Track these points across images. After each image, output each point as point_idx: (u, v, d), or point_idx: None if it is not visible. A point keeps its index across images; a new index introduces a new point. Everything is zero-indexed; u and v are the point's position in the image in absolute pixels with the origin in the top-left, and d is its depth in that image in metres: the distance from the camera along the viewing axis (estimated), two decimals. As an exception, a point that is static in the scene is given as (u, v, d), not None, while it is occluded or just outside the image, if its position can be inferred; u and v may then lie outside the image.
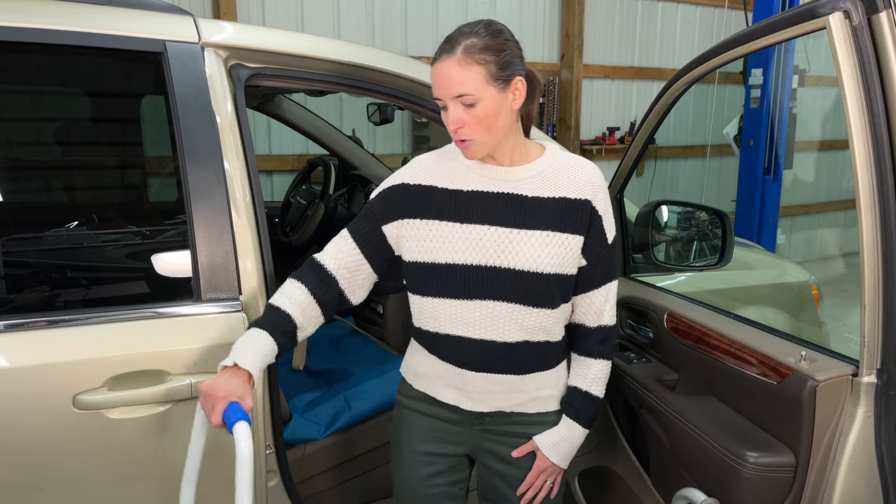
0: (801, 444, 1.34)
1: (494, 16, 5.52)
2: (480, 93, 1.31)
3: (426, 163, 1.49)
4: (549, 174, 1.44)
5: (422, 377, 1.54)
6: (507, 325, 1.41)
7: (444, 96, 1.33)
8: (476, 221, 1.41)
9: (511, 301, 1.40)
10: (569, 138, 5.93)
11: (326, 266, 1.48)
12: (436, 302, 1.43)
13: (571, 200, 1.42)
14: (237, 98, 1.67)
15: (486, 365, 1.45)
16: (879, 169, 1.23)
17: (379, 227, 1.48)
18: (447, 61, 1.31)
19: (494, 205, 1.41)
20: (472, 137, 1.35)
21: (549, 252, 1.39)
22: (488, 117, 1.33)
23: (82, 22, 1.52)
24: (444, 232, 1.41)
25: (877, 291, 1.25)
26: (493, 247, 1.39)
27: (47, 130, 1.86)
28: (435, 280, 1.42)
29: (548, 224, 1.40)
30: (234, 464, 1.23)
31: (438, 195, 1.44)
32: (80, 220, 1.72)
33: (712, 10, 6.74)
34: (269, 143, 4.69)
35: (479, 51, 1.31)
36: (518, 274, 1.38)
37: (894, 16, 1.20)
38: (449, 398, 1.50)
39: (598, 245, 1.45)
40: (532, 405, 1.50)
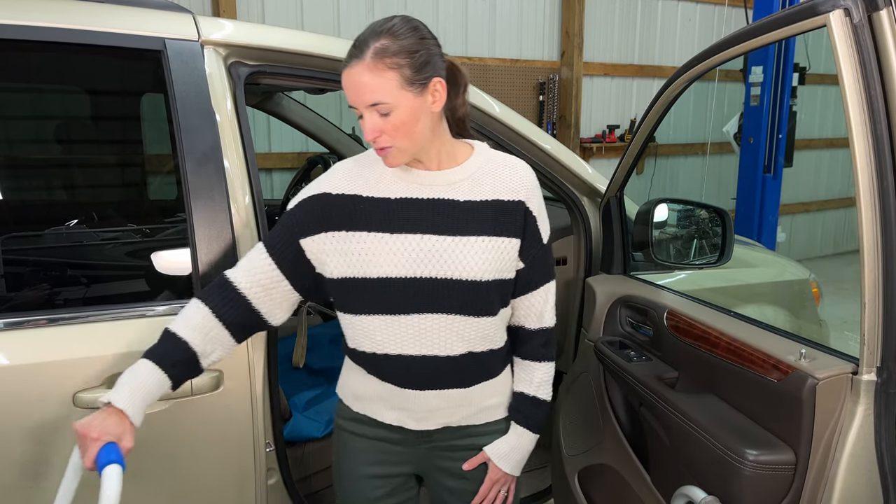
0: (800, 442, 1.34)
1: (494, 14, 5.52)
2: (395, 100, 1.22)
3: (349, 170, 1.38)
4: (481, 176, 1.36)
5: (361, 399, 1.44)
6: (450, 338, 1.34)
7: (358, 105, 1.24)
8: (407, 231, 1.31)
9: (451, 312, 1.32)
10: (569, 136, 5.93)
11: (236, 284, 1.36)
12: (370, 320, 1.34)
13: (505, 203, 1.35)
14: (237, 96, 1.67)
15: (430, 382, 1.37)
16: (880, 166, 1.23)
17: (296, 241, 1.35)
18: (356, 67, 1.21)
19: (425, 212, 1.32)
20: (391, 145, 1.26)
21: (486, 258, 1.32)
22: (406, 124, 1.25)
23: (81, 19, 1.52)
24: (373, 244, 1.31)
25: (877, 289, 1.25)
26: (427, 257, 1.30)
27: (47, 128, 1.86)
28: (367, 297, 1.32)
29: (483, 229, 1.33)
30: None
31: (364, 204, 1.33)
32: (79, 219, 1.72)
33: (712, 8, 6.73)
34: (268, 141, 4.69)
35: (392, 54, 1.21)
36: (456, 284, 1.31)
37: (895, 13, 1.19)
38: (392, 419, 1.42)
39: (534, 247, 1.40)
40: (480, 416, 1.45)
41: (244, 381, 1.56)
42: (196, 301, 1.36)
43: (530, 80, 5.78)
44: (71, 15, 1.52)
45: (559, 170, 2.17)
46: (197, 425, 1.53)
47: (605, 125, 6.29)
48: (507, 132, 2.05)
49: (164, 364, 1.29)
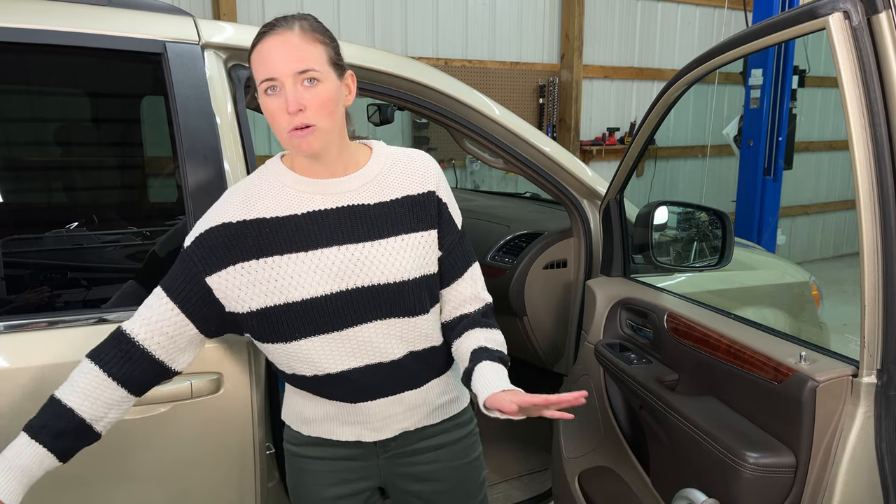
0: (801, 444, 1.34)
1: (494, 17, 5.53)
2: (324, 71, 1.18)
3: (245, 193, 1.28)
4: (386, 175, 1.32)
5: (311, 422, 1.39)
6: (389, 343, 1.30)
7: (282, 73, 1.15)
8: (322, 245, 1.25)
9: (385, 317, 1.28)
10: (569, 139, 5.93)
11: (134, 337, 1.25)
12: (304, 344, 1.27)
13: (416, 197, 1.32)
14: (237, 99, 1.67)
15: (380, 390, 1.33)
16: (879, 169, 1.23)
17: (201, 280, 1.24)
18: (286, 34, 1.16)
19: (337, 222, 1.26)
20: (314, 122, 1.18)
21: (408, 256, 1.29)
22: (331, 101, 1.19)
23: (82, 22, 1.52)
24: (289, 266, 1.24)
25: (877, 292, 1.25)
26: (349, 267, 1.25)
27: (48, 131, 1.86)
28: (295, 322, 1.25)
29: (399, 228, 1.29)
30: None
31: (270, 227, 1.24)
32: (80, 221, 1.72)
33: (712, 11, 6.74)
34: (269, 143, 4.69)
35: (319, 32, 1.20)
36: (384, 288, 1.27)
37: (894, 16, 1.20)
38: (348, 435, 1.38)
39: (450, 233, 1.37)
40: (436, 415, 1.42)
41: (244, 384, 1.56)
42: (86, 361, 1.24)
43: (530, 83, 5.78)
44: (71, 18, 1.52)
45: (559, 172, 2.18)
46: (197, 427, 1.53)
47: (605, 128, 6.30)
48: (507, 135, 2.05)
49: (43, 437, 1.17)
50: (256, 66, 1.19)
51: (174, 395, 1.48)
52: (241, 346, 1.54)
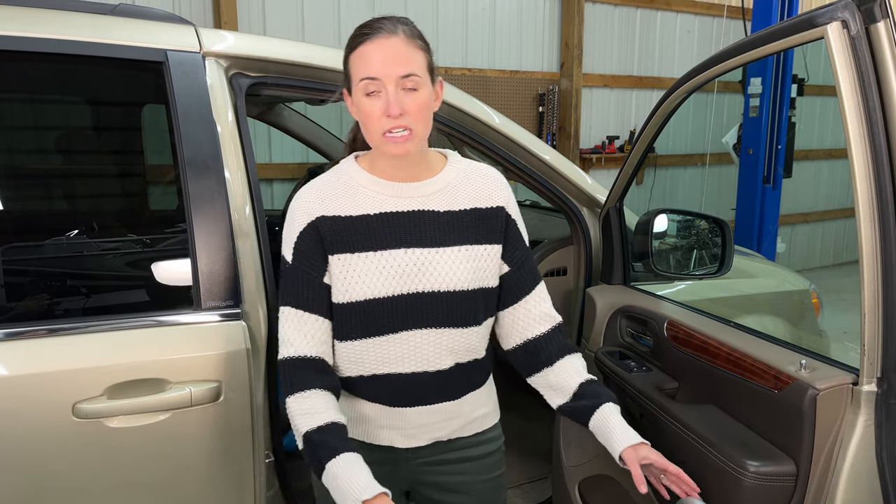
0: (801, 452, 1.34)
1: (494, 26, 5.55)
2: (424, 77, 1.21)
3: (321, 192, 1.31)
4: (458, 185, 1.35)
5: (348, 423, 1.36)
6: (438, 353, 1.32)
7: (387, 75, 1.17)
8: (390, 247, 1.28)
9: (438, 326, 1.30)
10: (568, 147, 5.94)
11: (309, 355, 1.30)
12: (357, 345, 1.31)
13: (484, 210, 1.35)
14: (238, 107, 1.68)
15: (420, 398, 1.34)
16: (878, 177, 1.23)
17: (321, 282, 1.30)
18: (391, 38, 1.18)
19: (407, 225, 1.29)
20: (412, 126, 1.20)
21: (469, 267, 1.31)
22: (427, 107, 1.22)
23: (84, 31, 1.53)
24: (357, 265, 1.27)
25: (876, 300, 1.25)
26: (411, 271, 1.28)
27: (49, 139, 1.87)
28: (355, 321, 1.29)
29: (464, 238, 1.32)
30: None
31: (344, 224, 1.28)
32: (80, 229, 1.72)
33: (711, 20, 6.76)
34: (269, 151, 4.70)
35: (418, 38, 1.22)
36: (443, 296, 1.29)
37: (892, 25, 1.20)
38: (382, 439, 1.38)
39: (518, 249, 1.39)
40: (469, 427, 1.43)
41: (244, 392, 1.56)
42: (299, 394, 1.28)
43: (530, 91, 5.79)
44: (73, 27, 1.53)
45: (559, 180, 2.18)
46: (196, 436, 1.53)
47: (604, 136, 6.30)
48: (507, 143, 2.06)
49: (347, 447, 1.23)
50: (357, 65, 1.21)
51: (174, 402, 1.48)
52: (240, 354, 1.54)
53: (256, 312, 1.60)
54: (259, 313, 1.60)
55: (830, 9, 1.26)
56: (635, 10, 6.32)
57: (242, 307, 1.58)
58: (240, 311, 1.57)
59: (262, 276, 1.63)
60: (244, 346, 1.54)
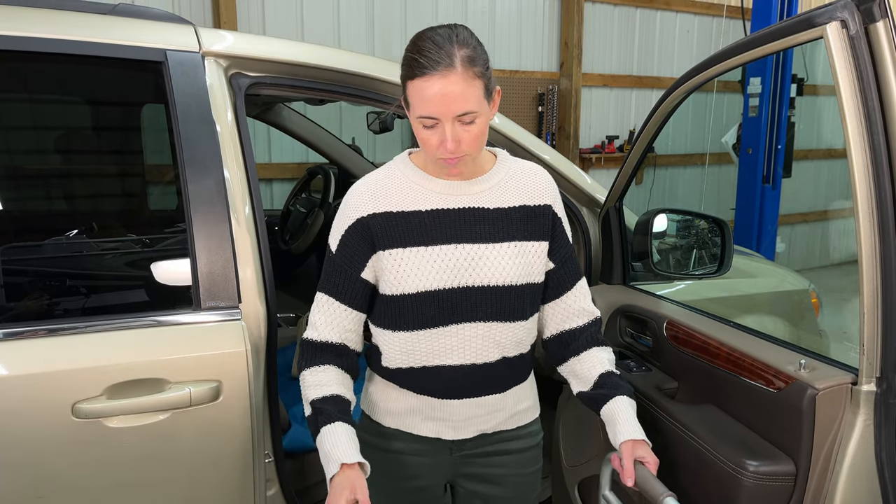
0: (800, 452, 1.34)
1: (494, 26, 5.55)
2: (481, 109, 1.22)
3: (373, 188, 1.35)
4: (507, 183, 1.39)
5: (394, 415, 1.43)
6: (486, 346, 1.36)
7: (444, 115, 1.19)
8: (441, 242, 1.32)
9: (487, 320, 1.35)
10: (568, 147, 5.94)
11: (331, 341, 1.37)
12: (408, 336, 1.35)
13: (532, 208, 1.39)
14: (237, 107, 1.68)
15: (467, 390, 1.39)
16: (877, 177, 1.23)
17: (359, 277, 1.36)
18: (450, 76, 1.17)
19: (458, 222, 1.33)
20: (467, 153, 1.25)
21: (518, 263, 1.35)
22: (483, 133, 1.26)
23: (83, 31, 1.53)
24: (409, 259, 1.32)
25: (875, 300, 1.25)
26: (462, 266, 1.32)
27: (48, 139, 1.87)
28: (406, 313, 1.34)
29: (514, 235, 1.36)
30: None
31: (396, 220, 1.33)
32: (80, 229, 1.72)
33: (710, 20, 6.76)
34: (269, 151, 4.70)
35: (478, 63, 1.20)
36: (492, 290, 1.33)
37: (891, 25, 1.20)
38: (429, 431, 1.42)
39: (563, 247, 1.44)
40: (512, 421, 1.46)
41: (243, 392, 1.56)
42: (314, 368, 1.36)
43: (529, 91, 5.80)
44: (73, 27, 1.53)
45: (559, 180, 2.17)
46: (196, 436, 1.53)
47: (604, 136, 6.31)
48: (506, 143, 2.06)
49: (344, 418, 1.31)
50: (414, 99, 1.22)
51: (173, 402, 1.48)
52: (240, 354, 1.54)
53: (256, 312, 1.60)
54: (258, 313, 1.60)
55: (829, 8, 1.26)
56: (635, 9, 6.32)
57: (242, 307, 1.58)
58: (239, 311, 1.57)
59: (261, 276, 1.63)
60: (244, 346, 1.54)
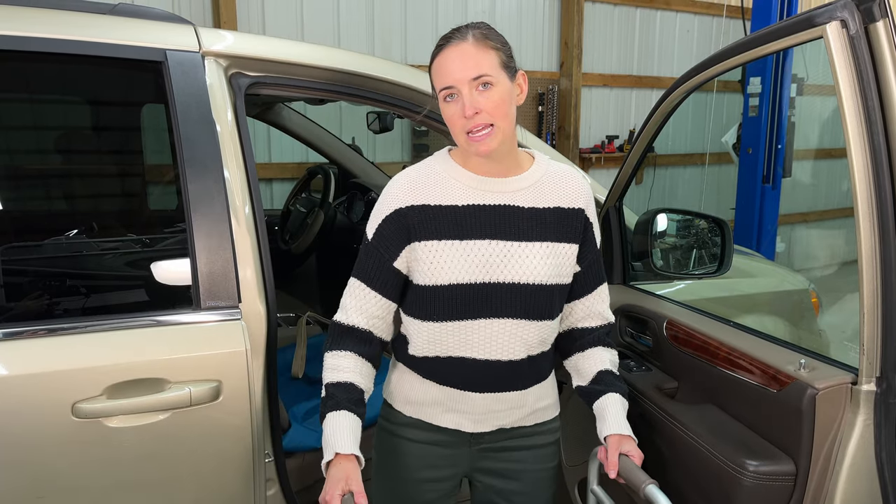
0: (800, 452, 1.34)
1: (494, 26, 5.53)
2: (497, 75, 1.28)
3: (412, 181, 1.40)
4: (543, 184, 1.42)
5: (416, 404, 1.47)
6: (512, 343, 1.39)
7: (460, 80, 1.27)
8: (475, 237, 1.35)
9: (515, 317, 1.38)
10: (568, 147, 5.94)
11: (358, 325, 1.42)
12: (437, 326, 1.39)
13: (566, 210, 1.42)
14: (237, 106, 1.68)
15: (490, 385, 1.42)
16: (877, 177, 1.23)
17: (391, 266, 1.40)
18: (462, 45, 1.28)
19: (492, 218, 1.37)
20: (493, 122, 1.28)
21: (549, 263, 1.38)
22: (505, 102, 1.29)
23: (83, 31, 1.53)
24: (443, 251, 1.35)
25: (875, 299, 1.25)
26: (494, 261, 1.35)
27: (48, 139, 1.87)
28: (437, 303, 1.37)
29: (546, 235, 1.39)
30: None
31: (433, 213, 1.37)
32: (80, 229, 1.72)
33: (710, 19, 6.76)
34: (269, 151, 4.70)
35: (491, 38, 1.30)
36: (522, 288, 1.36)
37: (891, 25, 1.20)
38: (449, 423, 1.45)
39: (591, 252, 1.48)
40: (531, 418, 1.50)
41: (243, 392, 1.56)
42: (336, 352, 1.42)
43: (530, 91, 5.74)
44: (72, 26, 1.53)
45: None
46: (196, 435, 1.53)
47: (604, 136, 6.31)
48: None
49: (351, 407, 1.36)
50: (435, 77, 1.31)
51: (173, 402, 1.48)
52: (240, 354, 1.54)
53: (256, 312, 1.60)
54: (258, 313, 1.60)
55: (829, 8, 1.26)
56: (635, 9, 6.32)
57: (242, 307, 1.58)
58: (239, 311, 1.57)
59: (261, 275, 1.63)
60: (244, 345, 1.54)
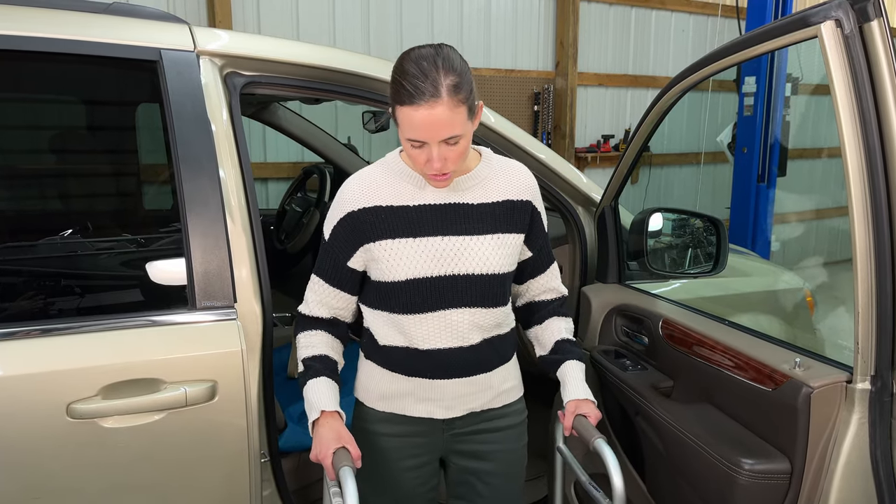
0: (796, 450, 1.35)
1: (489, 25, 5.55)
2: (465, 131, 1.32)
3: (364, 184, 1.46)
4: (490, 180, 1.49)
5: (388, 398, 1.53)
6: (469, 330, 1.47)
7: (431, 139, 1.29)
8: (427, 234, 1.43)
9: (472, 306, 1.45)
10: (564, 146, 5.94)
11: (321, 316, 1.53)
12: (402, 319, 1.46)
13: (515, 202, 1.50)
14: (232, 106, 1.67)
15: (457, 370, 1.49)
16: (871, 177, 1.23)
17: (346, 266, 1.48)
18: (437, 107, 1.26)
19: (444, 215, 1.44)
20: (451, 170, 1.36)
21: (500, 253, 1.46)
22: (466, 149, 1.36)
23: (77, 30, 1.53)
24: (399, 249, 1.43)
25: (870, 299, 1.26)
26: (447, 256, 1.43)
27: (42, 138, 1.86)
28: (396, 298, 1.45)
29: (496, 227, 1.47)
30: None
31: (385, 214, 1.43)
32: (74, 229, 1.71)
33: (706, 19, 6.77)
34: (264, 150, 4.69)
35: (462, 90, 1.28)
36: (476, 278, 1.44)
37: (885, 24, 1.21)
38: (422, 412, 1.52)
39: (540, 238, 1.57)
40: (498, 399, 1.56)
41: (239, 392, 1.55)
42: (307, 332, 1.53)
43: (525, 90, 5.80)
44: (67, 25, 1.52)
45: (554, 179, 2.18)
46: (191, 436, 1.52)
47: (599, 135, 6.31)
48: (502, 142, 2.06)
49: (329, 374, 1.47)
50: (403, 124, 1.31)
51: (169, 403, 1.47)
52: (236, 354, 1.54)
53: (251, 312, 1.60)
54: (254, 313, 1.60)
55: (824, 8, 1.26)
56: (630, 8, 6.32)
57: (237, 307, 1.58)
58: (234, 310, 1.57)
59: (257, 275, 1.62)
60: (239, 345, 1.54)
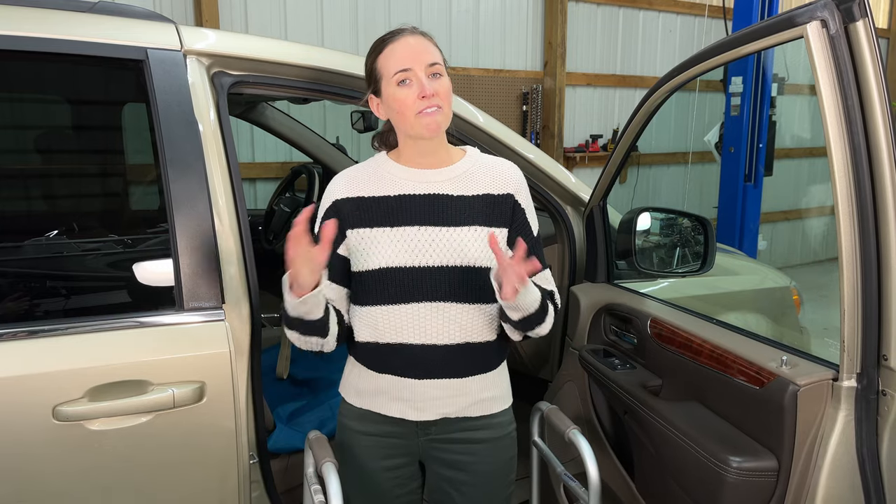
0: (783, 448, 1.36)
1: (477, 24, 5.55)
2: (443, 68, 1.42)
3: (349, 176, 1.51)
4: (472, 174, 1.49)
5: (364, 395, 1.51)
6: (447, 327, 1.43)
7: (416, 64, 1.38)
8: (405, 223, 1.44)
9: (446, 300, 1.42)
10: (552, 146, 5.96)
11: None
12: (373, 310, 1.45)
13: (495, 196, 1.48)
14: (220, 106, 1.66)
15: (427, 371, 1.45)
16: (857, 176, 1.24)
17: (337, 254, 1.47)
18: (415, 35, 1.41)
19: (422, 206, 1.45)
20: (442, 105, 1.39)
21: (476, 246, 1.43)
22: (449, 92, 1.42)
23: (62, 29, 1.51)
24: (374, 238, 1.44)
25: (856, 296, 1.27)
26: (423, 246, 1.42)
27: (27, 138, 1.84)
28: (371, 288, 1.44)
29: (475, 220, 1.45)
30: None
31: (366, 203, 1.46)
32: (60, 229, 1.70)
33: (693, 19, 6.81)
34: (252, 150, 4.67)
35: (433, 40, 1.44)
36: (450, 270, 1.42)
37: (871, 25, 1.22)
38: (395, 411, 1.49)
39: (525, 236, 1.49)
40: (475, 408, 1.50)
41: (227, 393, 1.54)
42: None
43: (514, 90, 5.80)
44: (52, 24, 1.51)
45: (543, 179, 2.18)
46: (179, 437, 1.51)
47: (588, 135, 6.33)
48: (491, 142, 2.06)
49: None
50: (388, 62, 1.40)
51: (156, 404, 1.46)
52: (224, 355, 1.53)
53: (239, 313, 1.59)
54: (242, 314, 1.59)
55: (810, 8, 1.27)
56: (618, 9, 6.35)
57: (225, 308, 1.57)
58: (223, 311, 1.56)
59: (245, 275, 1.61)
60: (227, 346, 1.53)
